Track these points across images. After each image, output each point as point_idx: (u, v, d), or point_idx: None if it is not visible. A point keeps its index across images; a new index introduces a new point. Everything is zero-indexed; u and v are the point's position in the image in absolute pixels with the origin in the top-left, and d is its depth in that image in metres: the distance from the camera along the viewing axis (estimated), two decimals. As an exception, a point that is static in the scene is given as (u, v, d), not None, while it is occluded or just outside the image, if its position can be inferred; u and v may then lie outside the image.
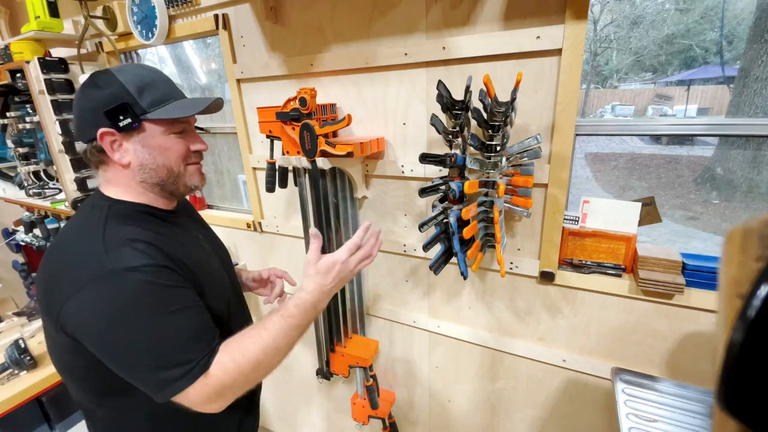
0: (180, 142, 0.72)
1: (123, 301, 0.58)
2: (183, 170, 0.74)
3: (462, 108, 0.90)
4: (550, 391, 1.16)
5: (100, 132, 0.66)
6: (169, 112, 0.69)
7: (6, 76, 1.69)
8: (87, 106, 0.67)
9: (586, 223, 1.00)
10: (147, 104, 0.68)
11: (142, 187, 0.72)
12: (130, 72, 0.69)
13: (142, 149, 0.69)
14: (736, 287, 0.23)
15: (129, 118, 0.66)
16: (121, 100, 0.65)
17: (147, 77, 0.69)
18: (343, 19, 1.10)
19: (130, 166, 0.69)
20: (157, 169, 0.71)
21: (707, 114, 3.28)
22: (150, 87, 0.69)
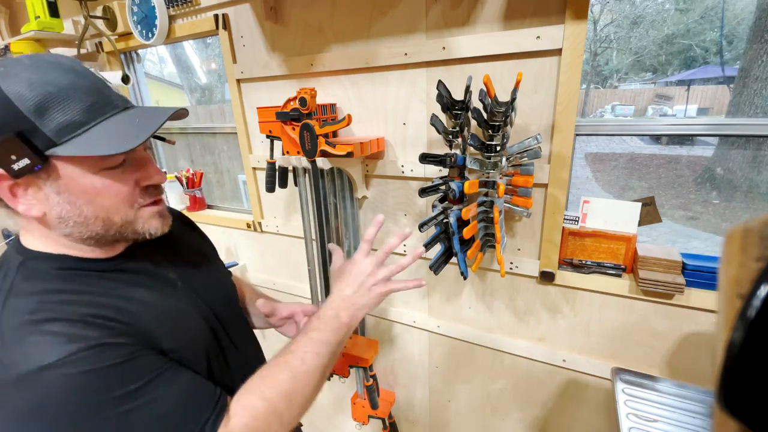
0: (118, 182, 0.49)
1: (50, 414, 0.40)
2: (132, 216, 0.52)
3: (462, 108, 0.90)
4: (550, 391, 1.16)
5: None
6: (92, 142, 0.45)
7: (6, 76, 1.69)
8: None
9: (586, 223, 1.00)
10: (55, 132, 0.44)
11: (68, 240, 0.51)
12: (25, 75, 0.44)
13: (57, 197, 0.47)
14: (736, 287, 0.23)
15: (26, 158, 0.43)
16: (8, 131, 0.42)
17: (53, 82, 0.44)
18: (343, 18, 1.10)
19: (45, 218, 0.48)
20: (86, 223, 0.49)
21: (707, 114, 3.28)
22: (59, 100, 0.44)
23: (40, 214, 0.48)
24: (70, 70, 0.47)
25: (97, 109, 0.47)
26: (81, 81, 0.47)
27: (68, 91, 0.45)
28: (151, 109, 0.51)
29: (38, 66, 0.45)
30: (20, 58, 0.46)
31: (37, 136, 0.44)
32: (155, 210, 0.55)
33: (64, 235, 0.50)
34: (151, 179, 0.53)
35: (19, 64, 0.45)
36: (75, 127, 0.45)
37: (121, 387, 0.43)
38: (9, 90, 0.43)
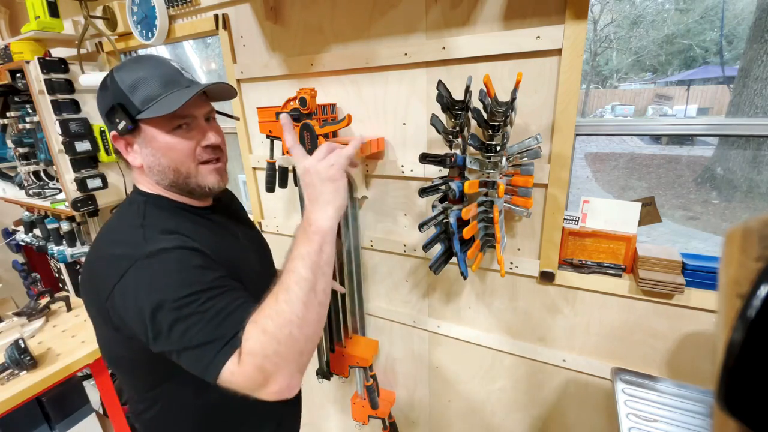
0: (184, 139, 0.67)
1: (161, 278, 0.57)
2: (194, 170, 0.69)
3: (462, 108, 0.90)
4: (550, 391, 1.16)
5: (111, 134, 0.66)
6: (160, 107, 0.63)
7: (6, 76, 1.69)
8: (100, 109, 0.68)
9: (586, 223, 1.00)
10: (140, 102, 0.64)
11: (162, 186, 0.70)
12: (127, 68, 0.65)
13: (146, 150, 0.66)
14: (736, 287, 0.23)
15: (123, 120, 0.63)
16: (114, 101, 0.64)
17: (143, 70, 0.65)
18: (343, 19, 1.10)
19: (143, 168, 0.68)
20: (164, 171, 0.67)
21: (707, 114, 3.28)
22: (143, 82, 0.64)
23: (140, 165, 0.68)
24: (156, 62, 0.67)
25: (168, 85, 0.65)
26: (161, 69, 0.66)
27: (151, 75, 0.65)
28: (204, 84, 0.67)
29: (136, 61, 0.67)
30: (133, 58, 0.69)
31: (131, 106, 0.64)
32: (212, 167, 0.71)
33: (156, 182, 0.69)
34: (208, 140, 0.69)
35: (130, 61, 0.67)
36: (152, 98, 0.64)
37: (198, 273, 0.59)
38: (119, 77, 0.64)
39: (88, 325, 1.44)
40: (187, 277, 0.58)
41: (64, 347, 1.32)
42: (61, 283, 2.60)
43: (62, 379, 1.24)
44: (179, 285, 0.57)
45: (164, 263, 0.58)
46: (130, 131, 0.64)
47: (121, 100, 0.63)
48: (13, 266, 2.64)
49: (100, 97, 0.67)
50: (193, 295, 0.56)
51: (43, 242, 2.05)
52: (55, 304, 1.56)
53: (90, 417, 1.52)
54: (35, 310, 1.46)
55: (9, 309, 1.90)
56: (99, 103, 0.67)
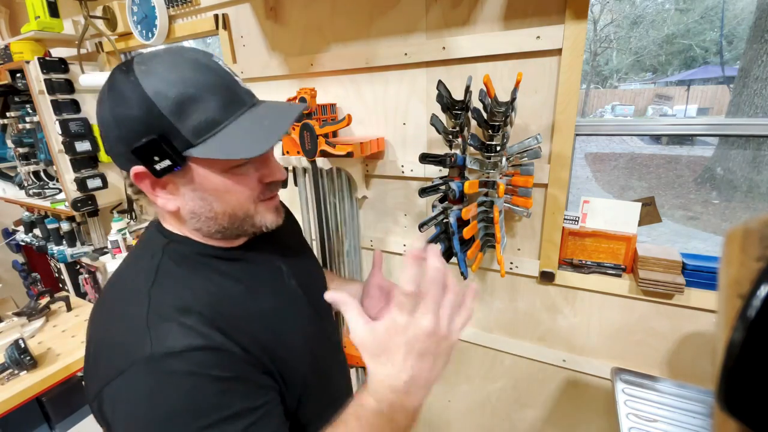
0: (245, 179, 0.51)
1: (161, 401, 0.41)
2: (253, 211, 0.53)
3: (462, 108, 0.90)
4: (550, 391, 1.16)
5: (133, 173, 0.47)
6: (227, 145, 0.45)
7: (6, 76, 1.69)
8: (110, 132, 0.46)
9: (586, 223, 1.00)
10: (192, 132, 0.45)
11: (200, 234, 0.54)
12: (165, 74, 0.44)
13: (191, 194, 0.49)
14: (736, 287, 0.23)
15: (167, 159, 0.45)
16: (152, 133, 0.43)
17: (190, 81, 0.45)
18: (343, 18, 1.10)
19: (180, 213, 0.51)
20: (215, 218, 0.51)
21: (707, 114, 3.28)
22: (196, 100, 0.45)
23: (175, 209, 0.50)
24: (205, 68, 0.47)
25: (229, 107, 0.47)
26: (215, 78, 0.47)
27: (204, 90, 0.45)
28: (275, 106, 0.52)
29: (176, 63, 0.46)
30: (159, 53, 0.47)
31: (176, 136, 0.44)
32: (272, 204, 0.56)
33: (194, 229, 0.53)
34: (274, 176, 0.53)
35: (160, 62, 0.45)
36: (210, 127, 0.46)
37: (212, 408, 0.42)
38: (150, 89, 0.43)
39: (88, 325, 1.44)
40: (201, 402, 0.42)
41: (64, 347, 1.32)
42: (61, 283, 2.60)
43: (62, 379, 1.24)
44: (188, 414, 0.41)
45: (170, 377, 0.42)
46: (172, 172, 0.46)
47: (161, 129, 0.44)
48: (13, 266, 2.64)
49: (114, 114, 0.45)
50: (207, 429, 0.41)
51: (43, 242, 2.05)
52: (55, 304, 1.56)
53: (90, 417, 1.51)
54: (35, 310, 1.46)
55: (9, 309, 1.90)
56: (112, 123, 0.45)
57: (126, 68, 0.45)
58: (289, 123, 0.50)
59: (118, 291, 0.52)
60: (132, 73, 0.44)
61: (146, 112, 0.43)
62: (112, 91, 0.45)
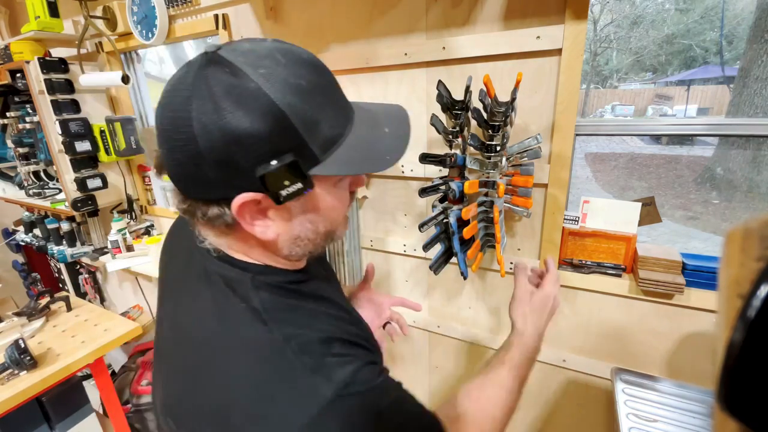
0: (345, 190, 0.46)
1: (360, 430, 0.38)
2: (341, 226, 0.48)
3: (462, 108, 0.90)
4: (550, 391, 1.16)
5: (239, 202, 0.38)
6: (353, 159, 0.40)
7: (6, 76, 1.69)
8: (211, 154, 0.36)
9: (586, 223, 1.00)
10: (319, 147, 0.38)
11: (285, 259, 0.47)
12: (288, 79, 0.36)
13: (302, 218, 0.43)
14: (736, 287, 0.23)
15: (298, 182, 0.37)
16: (286, 152, 0.36)
17: (316, 88, 0.38)
18: (343, 18, 1.10)
19: (276, 240, 0.43)
20: (315, 240, 0.45)
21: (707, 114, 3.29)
22: (325, 107, 0.39)
23: (275, 236, 0.42)
24: (322, 70, 0.40)
25: (345, 115, 0.42)
26: (330, 80, 0.41)
27: (327, 98, 0.40)
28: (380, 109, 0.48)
29: (295, 63, 0.38)
30: (272, 53, 0.38)
31: (307, 154, 0.37)
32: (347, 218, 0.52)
33: (284, 256, 0.46)
34: (362, 183, 0.49)
35: (275, 62, 0.37)
36: (335, 139, 0.39)
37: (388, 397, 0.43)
38: (280, 98, 0.35)
39: (88, 325, 1.44)
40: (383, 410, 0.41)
41: (64, 347, 1.32)
42: (61, 283, 2.60)
43: (62, 379, 1.24)
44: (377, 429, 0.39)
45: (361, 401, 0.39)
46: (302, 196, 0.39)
47: (296, 147, 0.37)
48: (13, 266, 2.64)
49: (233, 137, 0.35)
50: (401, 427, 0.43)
51: (43, 242, 2.05)
52: (55, 304, 1.56)
53: (90, 417, 1.51)
54: (35, 310, 1.46)
55: (9, 309, 1.90)
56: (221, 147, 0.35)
57: (231, 70, 0.35)
58: (408, 126, 0.46)
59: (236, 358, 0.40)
60: (247, 78, 0.35)
61: (277, 128, 0.35)
62: (214, 97, 0.35)
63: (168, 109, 0.37)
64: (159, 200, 1.83)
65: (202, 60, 0.37)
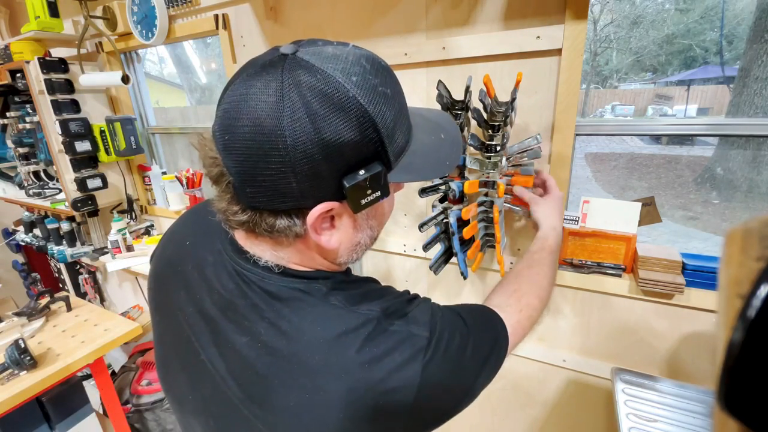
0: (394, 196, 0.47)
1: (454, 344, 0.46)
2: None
3: (462, 108, 0.90)
4: (550, 391, 1.16)
5: (317, 213, 0.38)
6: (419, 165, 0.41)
7: (6, 76, 1.69)
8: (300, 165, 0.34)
9: (586, 223, 1.00)
10: (394, 155, 0.39)
11: (337, 265, 0.47)
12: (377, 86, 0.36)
13: (365, 224, 0.44)
14: (736, 287, 0.23)
15: (379, 190, 0.38)
16: (372, 160, 0.37)
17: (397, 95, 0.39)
18: (343, 18, 1.10)
19: (339, 248, 0.43)
20: (370, 244, 0.47)
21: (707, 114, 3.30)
22: (401, 117, 0.39)
23: (337, 245, 0.42)
24: (396, 78, 0.40)
25: (410, 122, 0.42)
26: (401, 89, 0.41)
27: (402, 105, 0.40)
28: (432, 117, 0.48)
29: (382, 74, 0.38)
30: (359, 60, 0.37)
31: (385, 162, 0.38)
32: None
33: (341, 263, 0.46)
34: (402, 187, 0.48)
35: (367, 72, 0.36)
36: (404, 146, 0.40)
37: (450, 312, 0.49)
38: (372, 108, 0.35)
39: (88, 325, 1.44)
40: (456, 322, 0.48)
41: (64, 347, 1.32)
42: (61, 283, 2.60)
43: (62, 379, 1.24)
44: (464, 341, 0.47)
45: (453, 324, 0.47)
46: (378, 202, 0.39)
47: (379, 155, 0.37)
48: (13, 266, 2.64)
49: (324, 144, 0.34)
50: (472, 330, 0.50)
51: (43, 242, 2.05)
52: (55, 304, 1.56)
53: (90, 417, 1.51)
54: (35, 310, 1.46)
55: (9, 309, 1.90)
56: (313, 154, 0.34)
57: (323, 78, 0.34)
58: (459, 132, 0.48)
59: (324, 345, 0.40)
60: (341, 86, 0.34)
61: (366, 136, 0.35)
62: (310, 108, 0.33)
63: (248, 115, 0.34)
64: (159, 200, 1.83)
65: (284, 63, 0.35)
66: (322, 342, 0.40)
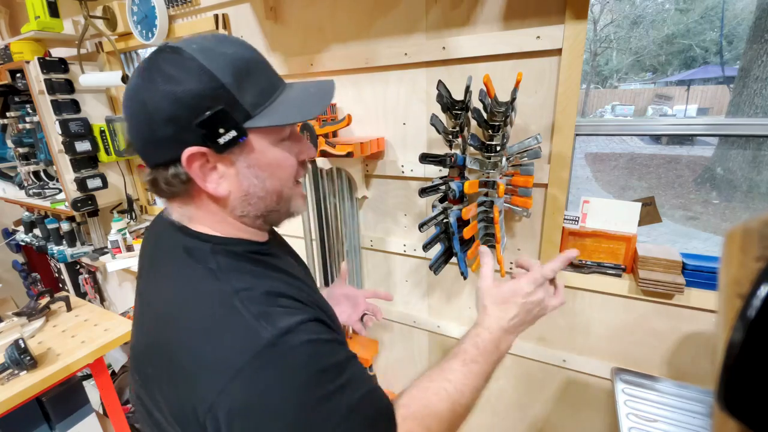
0: (289, 153, 0.51)
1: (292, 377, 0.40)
2: (291, 192, 0.53)
3: (462, 108, 0.90)
4: (550, 391, 1.16)
5: (187, 154, 0.44)
6: (282, 112, 0.47)
7: (6, 76, 1.69)
8: (159, 114, 0.43)
9: (586, 223, 1.00)
10: (251, 104, 0.45)
11: (241, 222, 0.51)
12: (220, 52, 0.44)
13: (247, 171, 0.48)
14: (736, 287, 0.23)
15: (233, 130, 0.44)
16: (218, 103, 0.43)
17: (242, 58, 0.46)
18: (343, 18, 1.10)
19: (229, 198, 0.48)
20: (265, 197, 0.50)
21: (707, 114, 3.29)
22: (250, 74, 0.46)
23: (226, 193, 0.48)
24: (248, 47, 0.49)
25: (275, 81, 0.49)
26: (258, 56, 0.49)
27: (254, 65, 0.47)
28: (311, 82, 0.54)
29: (224, 41, 0.47)
30: (201, 36, 0.48)
31: (238, 108, 0.44)
32: (301, 190, 0.56)
33: (238, 216, 0.50)
34: (309, 152, 0.55)
35: (208, 41, 0.46)
36: (264, 98, 0.47)
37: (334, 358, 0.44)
38: (209, 64, 0.43)
39: (88, 325, 1.44)
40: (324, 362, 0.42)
41: (64, 347, 1.32)
42: (61, 283, 2.60)
43: (62, 379, 1.24)
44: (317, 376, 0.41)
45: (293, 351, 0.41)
46: (235, 146, 0.45)
47: (226, 101, 0.44)
48: (13, 266, 2.64)
49: (168, 94, 0.43)
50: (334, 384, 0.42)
51: (43, 242, 2.05)
52: (55, 304, 1.56)
53: (90, 417, 1.51)
54: (35, 310, 1.46)
55: (9, 309, 1.90)
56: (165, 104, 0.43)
57: (172, 50, 0.44)
58: (332, 90, 0.52)
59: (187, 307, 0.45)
60: (184, 52, 0.44)
61: (208, 85, 0.43)
62: (160, 71, 0.43)
63: (127, 95, 0.46)
64: (159, 200, 1.83)
65: (154, 51, 0.46)
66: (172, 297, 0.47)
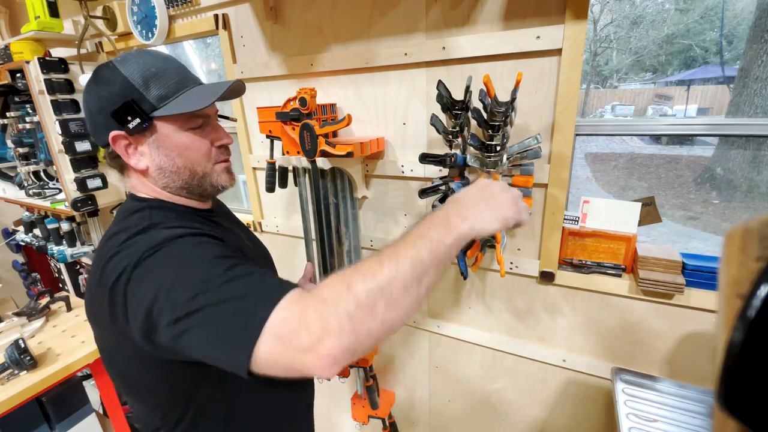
0: (199, 138, 0.65)
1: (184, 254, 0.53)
2: (210, 170, 0.68)
3: (462, 108, 0.90)
4: (550, 391, 1.16)
5: (111, 136, 0.61)
6: (180, 105, 0.62)
7: (6, 76, 1.69)
8: (94, 108, 0.62)
9: (586, 223, 1.00)
10: (155, 99, 0.61)
11: (168, 191, 0.66)
12: (135, 62, 0.61)
13: (157, 151, 0.63)
14: (736, 287, 0.23)
15: (137, 117, 0.60)
16: (126, 98, 0.59)
17: (153, 66, 0.62)
18: (343, 18, 1.10)
19: (149, 171, 0.64)
20: (178, 172, 0.65)
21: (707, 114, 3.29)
22: (157, 77, 0.61)
23: (145, 167, 0.64)
24: (164, 58, 0.65)
25: (182, 83, 0.64)
26: (170, 64, 0.64)
27: (162, 70, 0.62)
28: (217, 83, 0.67)
29: (144, 54, 0.63)
30: (131, 52, 0.64)
31: (144, 102, 0.60)
32: (225, 166, 0.70)
33: (162, 186, 0.66)
34: (222, 140, 0.69)
35: (133, 54, 0.63)
36: (169, 95, 0.62)
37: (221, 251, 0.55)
38: (126, 71, 0.60)
39: (88, 325, 1.44)
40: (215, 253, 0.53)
41: (64, 347, 1.32)
42: (61, 283, 2.60)
43: (62, 379, 1.24)
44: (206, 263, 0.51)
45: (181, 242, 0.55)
46: (142, 130, 0.61)
47: (132, 96, 0.59)
48: (13, 266, 2.64)
49: (98, 94, 0.61)
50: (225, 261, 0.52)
51: (43, 242, 2.05)
52: (55, 304, 1.56)
53: (90, 417, 1.51)
54: (35, 310, 1.46)
55: (9, 309, 1.90)
56: (96, 101, 0.61)
57: (107, 63, 0.62)
58: (225, 88, 0.63)
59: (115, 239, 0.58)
60: (111, 65, 0.61)
61: (121, 86, 0.60)
62: (96, 78, 0.62)
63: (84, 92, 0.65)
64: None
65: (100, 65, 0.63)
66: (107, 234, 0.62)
